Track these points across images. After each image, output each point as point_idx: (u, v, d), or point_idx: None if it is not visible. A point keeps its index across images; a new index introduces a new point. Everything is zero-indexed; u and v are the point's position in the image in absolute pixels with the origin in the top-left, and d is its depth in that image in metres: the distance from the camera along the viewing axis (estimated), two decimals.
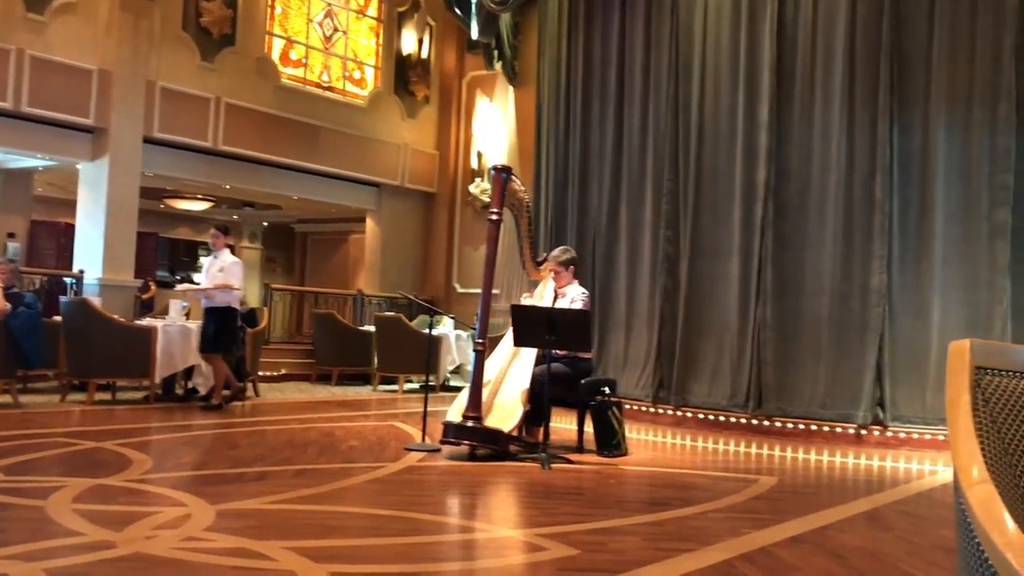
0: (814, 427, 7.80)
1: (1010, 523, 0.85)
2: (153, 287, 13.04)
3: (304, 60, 12.24)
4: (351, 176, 12.56)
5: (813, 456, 7.13)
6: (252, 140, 11.25)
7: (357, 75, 12.86)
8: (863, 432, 7.58)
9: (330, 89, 12.44)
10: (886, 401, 7.56)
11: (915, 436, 7.35)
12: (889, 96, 7.76)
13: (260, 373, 10.00)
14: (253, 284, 15.82)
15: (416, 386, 11.20)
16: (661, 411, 8.71)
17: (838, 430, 7.69)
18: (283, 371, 11.60)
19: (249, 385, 9.33)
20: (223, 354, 8.19)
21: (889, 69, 7.77)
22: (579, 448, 6.61)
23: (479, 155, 12.75)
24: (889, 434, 7.48)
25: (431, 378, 9.93)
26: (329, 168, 12.20)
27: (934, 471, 6.55)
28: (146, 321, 8.84)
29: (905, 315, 7.63)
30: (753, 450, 7.35)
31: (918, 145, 7.72)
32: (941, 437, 7.25)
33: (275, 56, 11.84)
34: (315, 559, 3.34)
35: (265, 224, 18.20)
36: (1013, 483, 1.02)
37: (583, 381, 6.54)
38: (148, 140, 10.33)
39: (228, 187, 12.65)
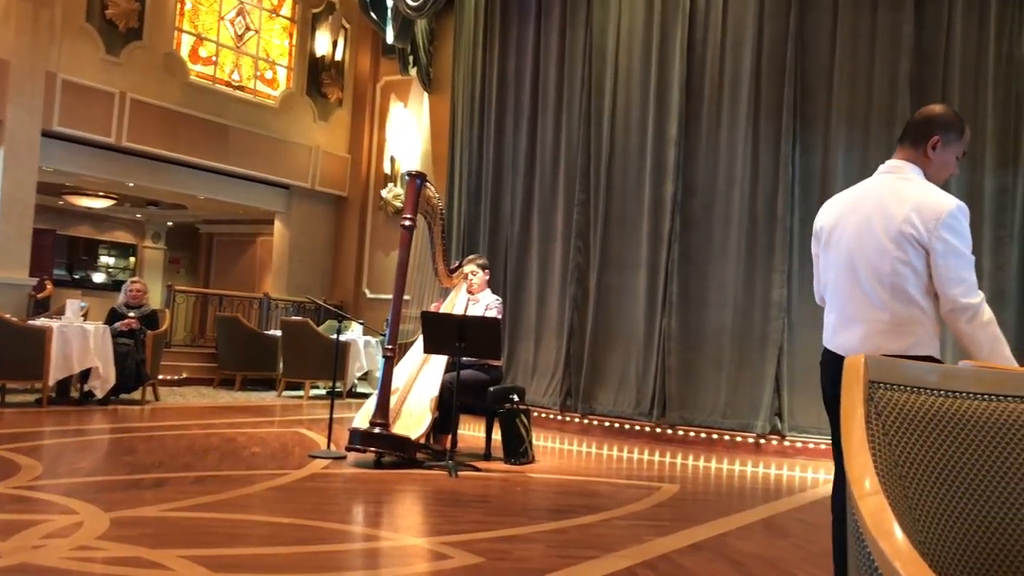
0: (715, 436, 7.99)
1: (899, 533, 0.89)
2: (49, 286, 12.54)
3: (214, 58, 11.97)
4: (260, 177, 12.32)
5: (714, 464, 7.30)
6: (158, 137, 10.94)
7: (269, 75, 12.64)
8: (762, 441, 7.79)
9: (240, 88, 12.19)
10: (784, 411, 7.80)
11: (811, 446, 7.59)
12: (792, 117, 8.03)
13: (160, 377, 9.71)
14: (156, 285, 15.37)
15: (322, 392, 11.04)
16: (568, 419, 8.79)
17: (738, 439, 7.88)
18: (185, 375, 11.29)
19: (149, 389, 9.05)
20: None
21: (793, 91, 8.04)
22: (487, 456, 6.62)
23: (392, 160, 12.67)
24: (787, 443, 7.71)
25: (338, 384, 9.79)
26: (237, 168, 11.94)
27: (828, 480, 6.76)
28: (40, 321, 8.49)
29: (803, 328, 7.88)
30: (656, 458, 7.48)
31: (818, 164, 8.01)
32: None
33: (184, 52, 11.54)
34: (213, 568, 3.26)
35: (169, 224, 17.71)
36: (903, 494, 1.06)
37: (492, 389, 6.56)
38: (47, 134, 9.93)
39: (131, 185, 12.26)
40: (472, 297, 6.84)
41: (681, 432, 8.14)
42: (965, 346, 2.75)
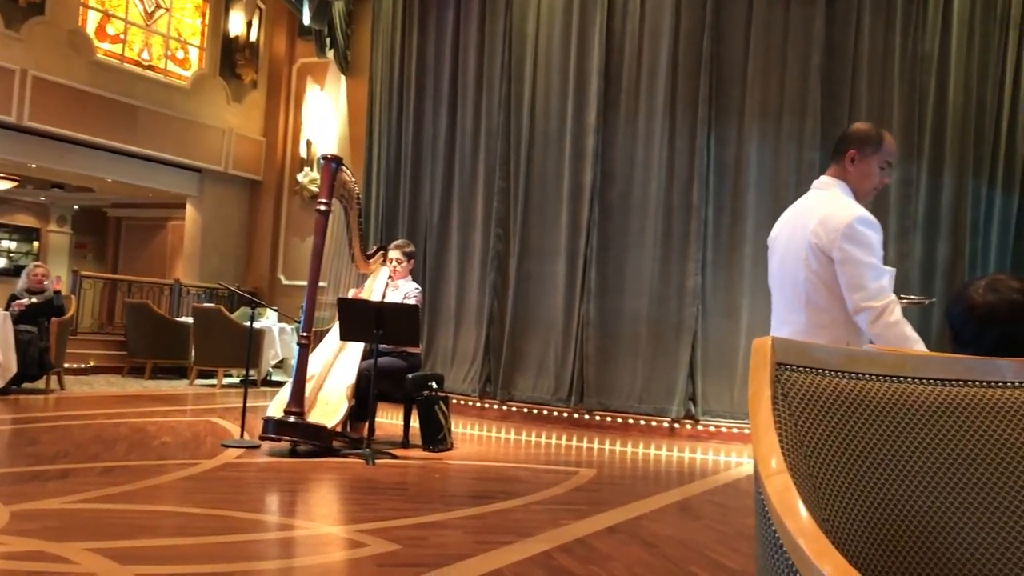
0: (631, 421, 8.11)
1: (803, 511, 0.91)
2: None
3: (122, 36, 11.57)
4: (171, 160, 11.98)
5: (630, 448, 7.41)
6: (62, 117, 10.53)
7: (180, 55, 12.29)
8: (676, 426, 7.94)
9: (150, 68, 11.82)
10: (698, 396, 7.96)
11: (723, 430, 7.77)
12: (707, 107, 8.17)
13: (66, 365, 9.38)
14: (61, 270, 14.81)
15: (236, 380, 10.83)
16: (487, 406, 8.81)
17: (653, 424, 8.02)
18: (92, 363, 10.95)
19: (54, 378, 8.74)
20: None
21: (708, 82, 8.18)
22: (405, 443, 6.58)
23: (308, 144, 12.46)
24: (700, 428, 7.87)
25: (252, 372, 9.63)
26: (147, 150, 11.59)
27: (740, 463, 6.94)
28: None
29: (717, 315, 8.05)
30: (574, 443, 7.55)
31: (732, 155, 8.17)
32: (747, 431, 7.70)
33: (90, 29, 11.13)
34: (120, 561, 3.17)
35: (76, 207, 17.09)
36: (808, 473, 1.08)
37: (410, 376, 6.52)
38: None
39: (34, 166, 11.77)
40: (392, 283, 6.78)
41: (599, 417, 8.23)
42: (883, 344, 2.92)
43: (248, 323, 7.33)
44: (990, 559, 1.14)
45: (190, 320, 10.76)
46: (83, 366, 10.73)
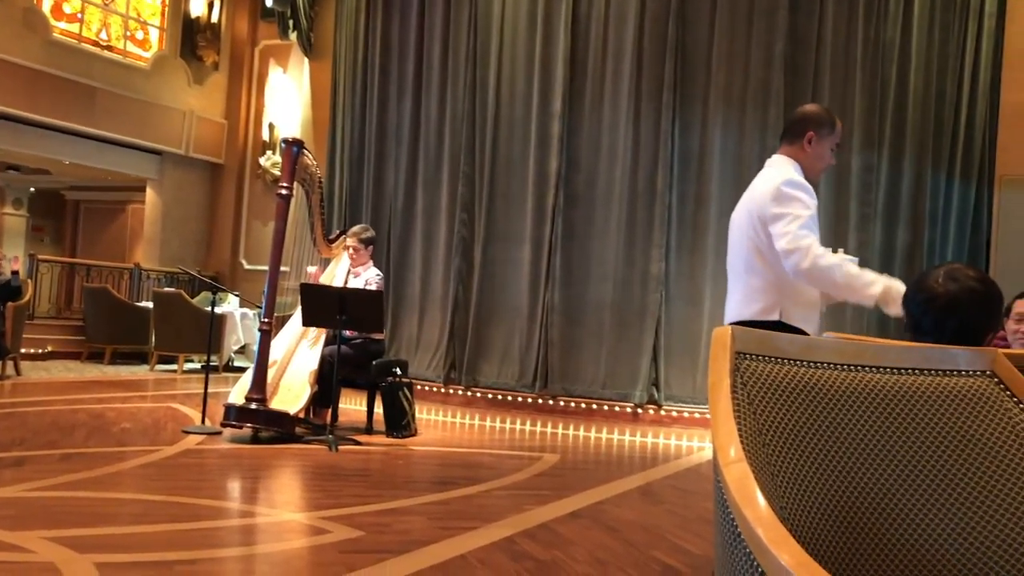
0: (595, 406, 8.15)
1: (761, 500, 0.91)
2: None
3: (80, 15, 11.33)
4: (130, 142, 11.77)
5: (593, 434, 7.45)
6: (17, 97, 10.30)
7: (140, 35, 12.06)
8: (639, 411, 8.00)
9: (109, 48, 11.59)
10: (661, 382, 8.02)
11: (686, 415, 7.84)
12: (672, 94, 8.20)
13: (23, 351, 9.22)
14: (17, 254, 14.53)
15: (197, 366, 10.71)
16: (452, 392, 8.80)
17: (617, 409, 8.07)
18: (50, 348, 10.77)
19: (10, 363, 8.59)
20: None
21: (673, 68, 8.20)
22: (368, 429, 6.56)
23: (271, 127, 12.31)
24: (663, 413, 7.93)
25: (214, 358, 9.53)
26: (106, 132, 11.38)
27: (702, 447, 7.01)
28: None
29: (680, 301, 8.11)
30: (539, 428, 7.58)
31: (696, 142, 8.21)
32: (709, 416, 7.76)
33: (46, 8, 10.89)
34: (79, 549, 3.13)
35: (32, 190, 16.76)
36: (766, 460, 1.09)
37: (374, 362, 6.49)
38: None
39: None
40: (353, 270, 6.74)
41: (563, 403, 8.27)
42: (826, 289, 3.20)
43: (209, 308, 7.25)
44: (944, 543, 1.16)
45: (150, 305, 10.62)
46: (40, 351, 10.55)
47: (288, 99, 12.10)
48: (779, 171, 3.29)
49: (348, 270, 6.75)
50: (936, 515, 1.17)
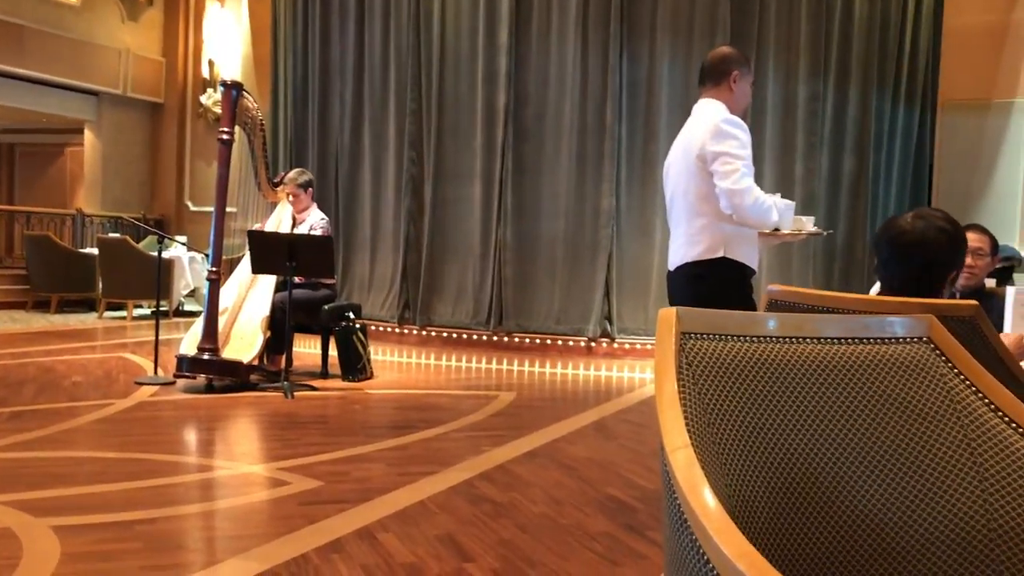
0: (549, 341, 8.22)
1: (707, 489, 0.93)
2: None
3: None
4: (64, 83, 11.39)
5: (548, 369, 7.54)
6: None
7: None
8: (593, 344, 8.09)
9: None
10: (613, 315, 8.11)
11: (638, 347, 7.95)
12: (619, 25, 8.10)
13: None
14: None
15: (147, 312, 10.58)
16: (407, 331, 8.81)
17: (571, 343, 8.15)
18: None
19: None
20: None
21: None
22: (323, 374, 6.57)
23: (211, 64, 11.98)
24: (615, 346, 8.03)
25: (163, 304, 9.40)
26: (37, 73, 10.99)
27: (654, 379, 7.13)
28: None
29: (631, 235, 8.15)
30: (494, 366, 7.65)
31: (644, 74, 8.15)
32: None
33: None
34: (34, 512, 3.12)
35: None
36: (713, 441, 1.12)
37: (326, 307, 6.46)
38: None
39: None
40: (298, 216, 6.66)
41: (517, 339, 8.32)
42: (761, 228, 3.36)
43: (156, 253, 7.13)
44: (885, 510, 1.21)
45: (95, 251, 10.41)
46: None
47: (227, 35, 11.77)
48: (713, 111, 3.39)
49: (294, 216, 6.67)
50: (877, 482, 1.21)
